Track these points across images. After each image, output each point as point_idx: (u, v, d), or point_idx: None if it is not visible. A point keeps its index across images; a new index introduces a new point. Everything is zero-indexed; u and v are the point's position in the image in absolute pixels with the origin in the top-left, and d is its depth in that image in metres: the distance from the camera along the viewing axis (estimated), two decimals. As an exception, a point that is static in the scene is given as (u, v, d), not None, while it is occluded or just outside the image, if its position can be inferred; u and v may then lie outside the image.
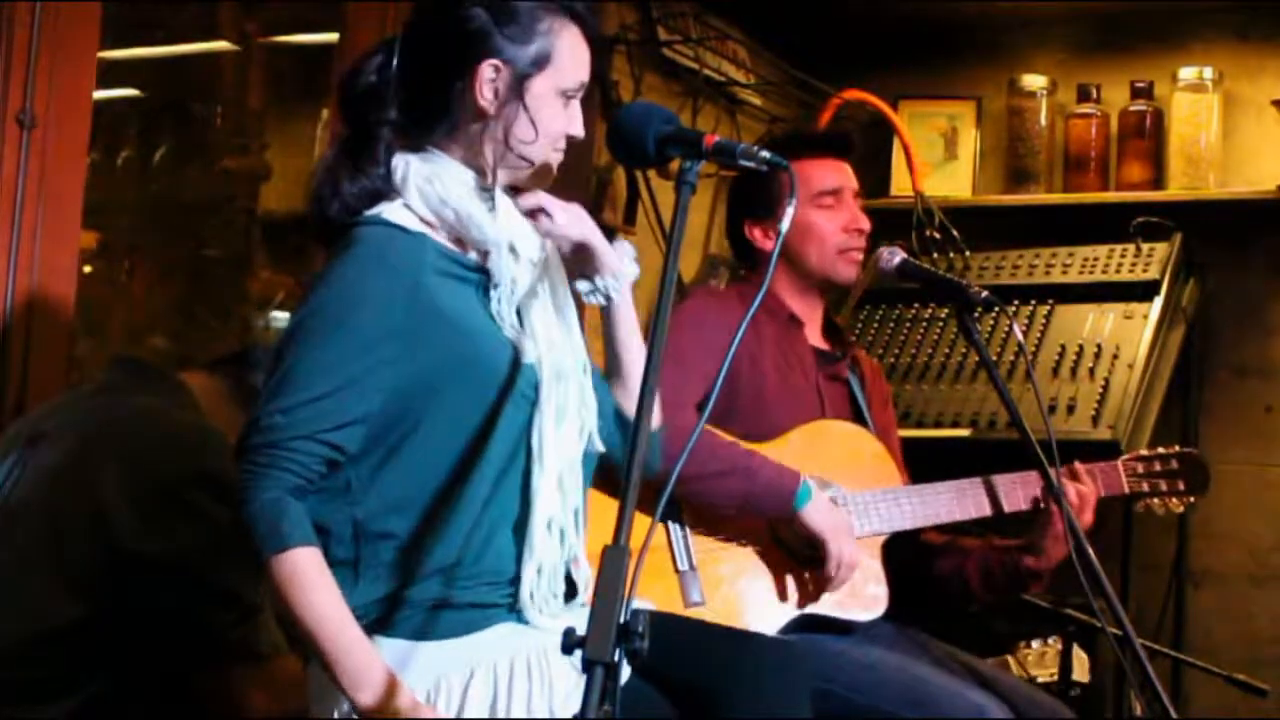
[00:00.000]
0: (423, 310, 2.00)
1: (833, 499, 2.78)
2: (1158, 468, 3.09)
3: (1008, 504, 2.95)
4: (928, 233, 4.34)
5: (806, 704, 2.30)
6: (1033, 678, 3.45)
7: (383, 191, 2.08)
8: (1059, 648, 3.50)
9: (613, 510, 1.70)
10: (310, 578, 1.91)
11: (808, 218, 2.96)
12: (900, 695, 2.63)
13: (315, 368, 1.96)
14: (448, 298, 2.03)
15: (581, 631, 1.61)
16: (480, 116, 2.09)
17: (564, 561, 2.08)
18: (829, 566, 2.71)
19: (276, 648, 2.30)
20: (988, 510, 2.95)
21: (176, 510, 2.26)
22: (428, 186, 2.07)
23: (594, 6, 2.17)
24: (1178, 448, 3.15)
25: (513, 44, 2.08)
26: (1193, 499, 3.11)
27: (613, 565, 1.63)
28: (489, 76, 2.08)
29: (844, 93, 4.46)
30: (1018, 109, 4.64)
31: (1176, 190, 4.40)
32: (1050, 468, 2.79)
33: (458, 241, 2.09)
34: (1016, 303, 4.15)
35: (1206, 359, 4.51)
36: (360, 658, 1.91)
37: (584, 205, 2.27)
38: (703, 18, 4.35)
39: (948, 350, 4.14)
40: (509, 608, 2.04)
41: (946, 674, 2.73)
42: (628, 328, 2.27)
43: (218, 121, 4.31)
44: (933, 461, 3.03)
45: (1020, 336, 4.01)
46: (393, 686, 1.91)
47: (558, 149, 2.14)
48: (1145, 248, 4.16)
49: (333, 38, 3.55)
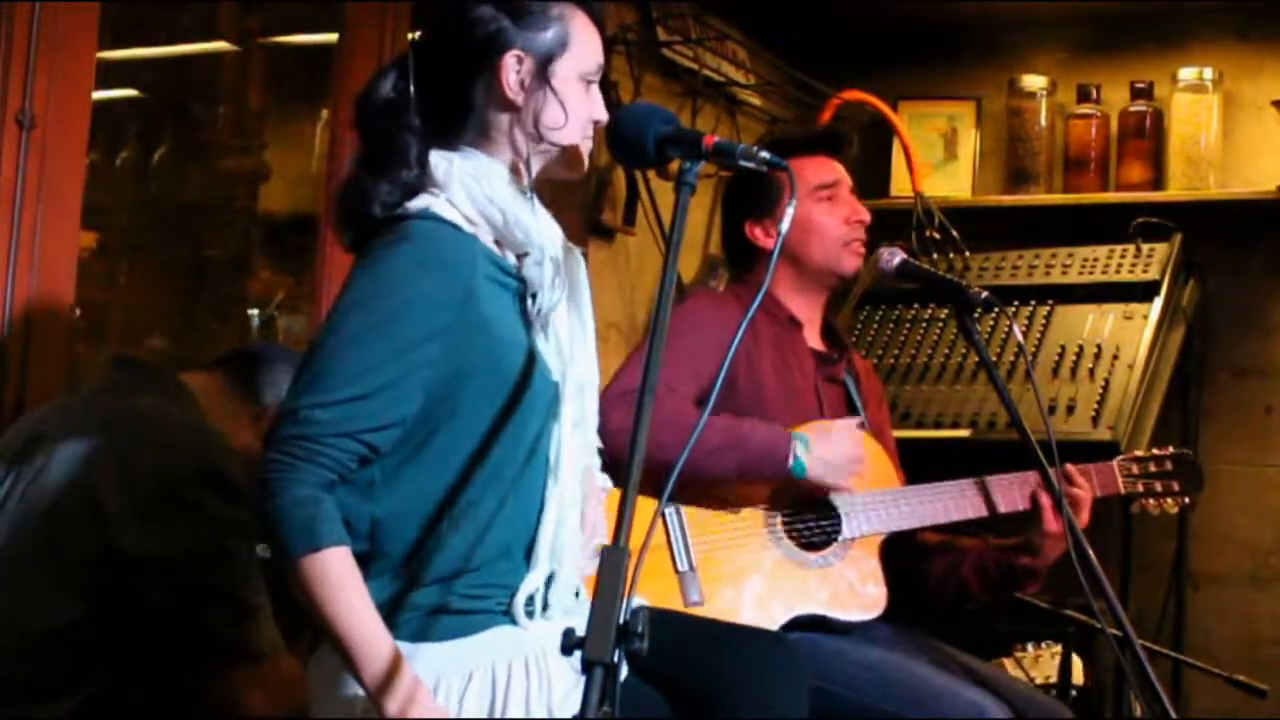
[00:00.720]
0: (469, 314, 1.99)
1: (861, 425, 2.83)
2: (1152, 468, 3.09)
3: (1004, 504, 2.95)
4: (927, 233, 4.34)
5: (805, 702, 2.30)
6: (1032, 679, 3.44)
7: (417, 185, 2.06)
8: (1055, 649, 3.50)
9: (613, 506, 1.70)
10: (341, 578, 1.90)
11: (808, 213, 2.96)
12: (899, 695, 2.63)
13: (360, 365, 1.94)
14: (491, 304, 2.02)
15: (580, 632, 1.61)
16: (509, 109, 2.09)
17: (573, 571, 2.08)
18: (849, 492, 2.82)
19: (275, 647, 2.30)
20: (984, 511, 2.95)
21: (176, 510, 2.26)
22: (474, 185, 2.06)
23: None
24: (1172, 449, 3.15)
25: (530, 33, 2.09)
26: (1187, 500, 3.12)
27: (612, 565, 1.63)
28: (513, 67, 2.08)
29: (844, 93, 4.46)
30: (1017, 109, 4.64)
31: (1176, 191, 4.40)
32: (1050, 468, 2.80)
33: (497, 243, 2.09)
34: (1016, 303, 4.16)
35: (1206, 359, 4.51)
36: (388, 663, 1.90)
37: (583, 206, 2.27)
38: (702, 18, 4.35)
39: (947, 351, 4.14)
40: (505, 612, 2.03)
41: (946, 674, 2.73)
42: None
43: (217, 122, 4.31)
44: (932, 462, 3.03)
45: (1020, 337, 4.01)
46: (419, 695, 1.90)
47: (587, 135, 2.14)
48: (1145, 248, 4.16)
49: (332, 38, 3.55)
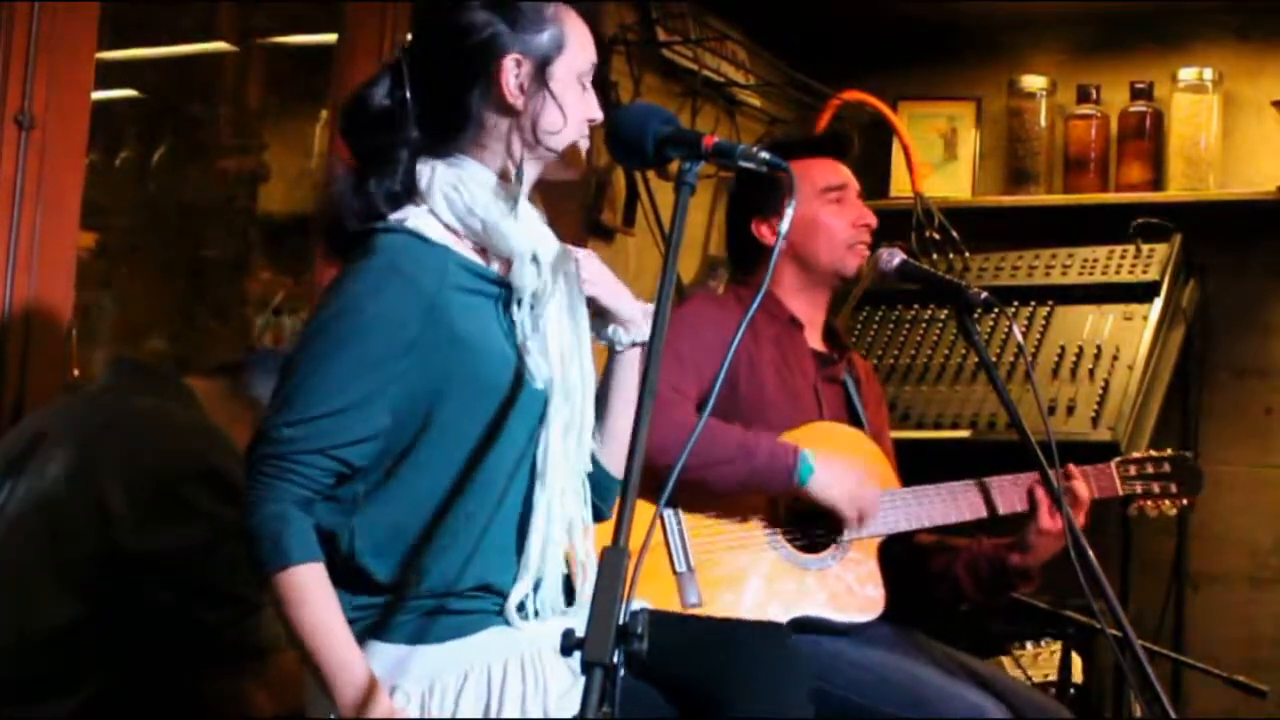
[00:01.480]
0: (437, 327, 1.98)
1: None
2: (1150, 470, 3.10)
3: (1003, 505, 2.95)
4: (927, 234, 4.34)
5: (807, 702, 2.30)
6: (1030, 678, 3.44)
7: (403, 195, 2.06)
8: (1054, 648, 3.50)
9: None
10: (310, 594, 1.90)
11: (815, 214, 2.97)
12: (899, 696, 2.63)
13: (329, 381, 1.94)
14: (463, 315, 2.01)
15: (580, 633, 1.61)
16: (508, 113, 2.08)
17: (562, 576, 2.08)
18: (848, 529, 2.79)
19: (275, 647, 2.30)
20: (983, 512, 2.95)
21: (177, 509, 2.26)
22: (454, 194, 2.05)
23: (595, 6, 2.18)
24: (1170, 450, 3.16)
25: (526, 35, 2.08)
26: (1185, 501, 3.12)
27: (612, 566, 1.62)
28: (512, 71, 2.07)
29: (843, 93, 4.46)
30: (1017, 110, 4.64)
31: (1176, 191, 4.40)
32: (1050, 469, 2.79)
33: (480, 251, 2.08)
34: (1016, 304, 4.15)
35: (1206, 360, 4.51)
36: (357, 681, 1.90)
37: (582, 206, 2.27)
38: (702, 18, 4.35)
39: (947, 351, 4.14)
40: (499, 613, 2.03)
41: (945, 675, 2.73)
42: (627, 373, 2.22)
43: (217, 122, 4.31)
44: (932, 463, 3.03)
45: (1020, 337, 4.01)
46: (388, 713, 1.90)
47: (584, 135, 2.14)
48: (1145, 249, 4.15)
49: (332, 38, 3.55)
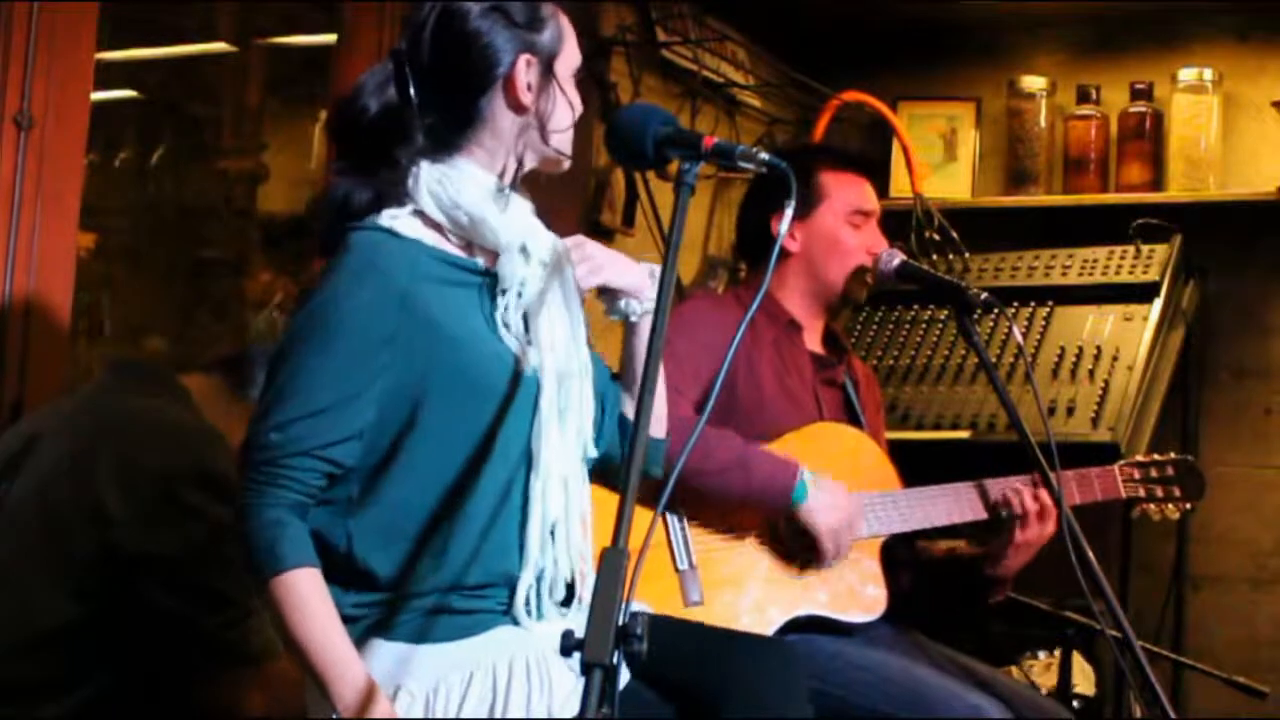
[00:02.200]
0: (413, 319, 1.98)
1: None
2: (1154, 474, 3.10)
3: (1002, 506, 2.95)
4: (927, 234, 4.34)
5: (806, 705, 2.30)
6: (1038, 688, 3.44)
7: (388, 195, 2.06)
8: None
9: (612, 509, 1.70)
10: (305, 600, 1.90)
11: (839, 231, 2.99)
12: (898, 697, 2.63)
13: (311, 382, 1.95)
14: (441, 306, 2.01)
15: (580, 634, 1.61)
16: (520, 112, 2.09)
17: (566, 567, 2.07)
18: (823, 562, 2.76)
19: (274, 649, 2.29)
20: (984, 513, 2.95)
21: (175, 510, 2.26)
22: (439, 189, 2.05)
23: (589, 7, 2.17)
24: (1173, 454, 3.16)
25: (534, 35, 2.09)
26: (1189, 505, 3.12)
27: (611, 567, 1.62)
28: (524, 71, 2.07)
29: (843, 94, 4.46)
30: (1017, 110, 4.64)
31: (1176, 192, 4.40)
32: (1050, 470, 2.79)
33: (468, 245, 2.08)
34: (1016, 304, 4.15)
35: (1206, 361, 4.50)
36: (354, 685, 1.90)
37: (582, 207, 2.26)
38: (702, 19, 4.34)
39: (947, 352, 4.13)
40: (505, 612, 2.03)
41: (945, 675, 2.73)
42: (645, 339, 2.26)
43: (216, 123, 4.31)
44: (932, 463, 3.03)
45: (1020, 338, 4.01)
46: (380, 710, 1.90)
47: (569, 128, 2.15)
48: (1145, 249, 4.15)
49: (331, 39, 3.55)
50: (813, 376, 2.98)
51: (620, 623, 1.59)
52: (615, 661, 1.58)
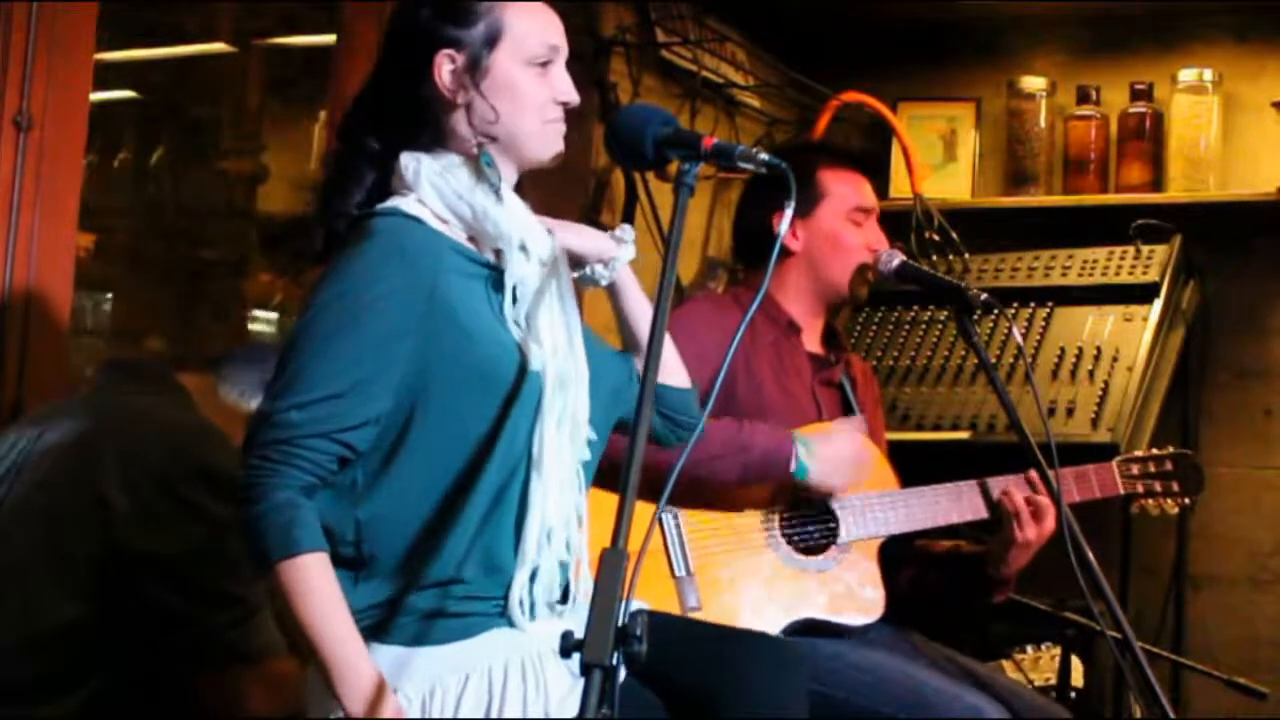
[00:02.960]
0: (437, 309, 1.99)
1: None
2: (1152, 469, 3.09)
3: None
4: (927, 235, 4.34)
5: (804, 704, 2.29)
6: (1030, 681, 3.44)
7: (387, 189, 2.07)
8: (1054, 651, 3.50)
9: (612, 509, 1.69)
10: (317, 585, 1.90)
11: (840, 229, 3.00)
12: (897, 698, 2.63)
13: (332, 364, 1.94)
14: (460, 299, 2.02)
15: (579, 634, 1.60)
16: (453, 107, 2.09)
17: (560, 569, 2.07)
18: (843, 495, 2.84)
19: (275, 648, 2.29)
20: (983, 513, 2.95)
21: (176, 509, 2.26)
22: (441, 181, 2.06)
23: None
24: (1171, 449, 3.15)
25: (459, 29, 2.08)
26: (1187, 500, 3.12)
27: (611, 568, 1.62)
28: (446, 66, 2.08)
29: (843, 95, 4.46)
30: (1017, 111, 4.64)
31: (1176, 192, 4.39)
32: (1050, 471, 2.79)
33: (470, 239, 2.08)
34: (1016, 305, 4.15)
35: (1206, 361, 4.50)
36: (360, 671, 1.90)
37: (582, 207, 2.26)
38: (701, 19, 4.34)
39: (947, 353, 4.13)
40: (501, 613, 2.03)
41: (944, 676, 2.73)
42: (633, 300, 2.29)
43: (216, 124, 4.31)
44: (932, 464, 3.03)
45: (1019, 339, 4.01)
46: (388, 704, 1.89)
47: (550, 119, 2.11)
48: (1145, 250, 4.15)
49: (330, 39, 3.55)
50: (811, 378, 2.98)
51: (620, 623, 1.59)
52: (615, 662, 1.58)
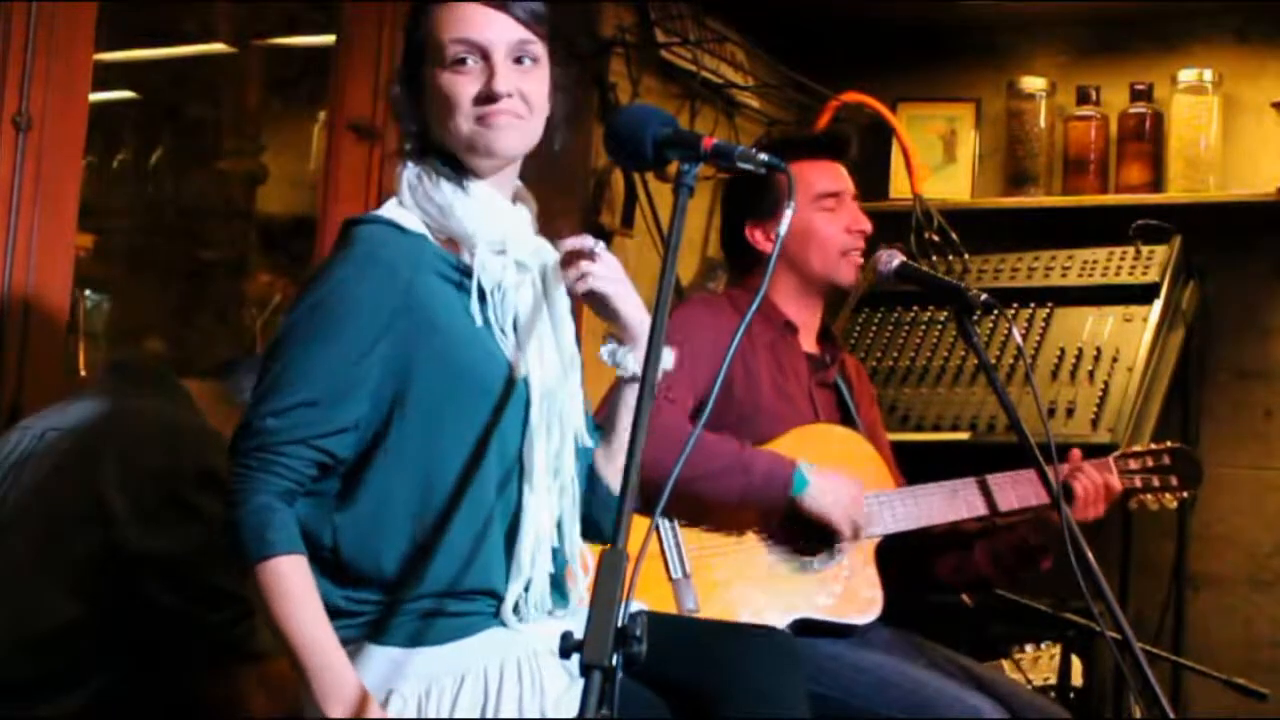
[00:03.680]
0: (415, 312, 1.99)
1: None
2: (1150, 463, 3.09)
3: (1002, 503, 2.95)
4: (927, 235, 4.34)
5: (804, 703, 2.29)
6: (1030, 681, 3.44)
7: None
8: (1053, 651, 3.50)
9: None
10: (290, 587, 1.91)
11: (809, 220, 2.95)
12: (896, 698, 2.63)
13: (308, 371, 1.95)
14: (441, 303, 2.02)
15: (578, 635, 1.60)
16: (409, 119, 2.13)
17: (551, 574, 2.07)
18: (842, 543, 2.77)
19: (275, 648, 2.29)
20: (982, 510, 2.94)
21: (175, 509, 2.26)
22: (415, 181, 2.08)
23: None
24: (1169, 443, 3.15)
25: (406, 49, 2.13)
26: (1185, 494, 3.11)
27: (610, 569, 1.62)
28: (395, 90, 2.13)
29: (842, 95, 4.46)
30: (1017, 111, 4.64)
31: (1176, 193, 4.39)
32: (1050, 471, 2.79)
33: (450, 243, 2.08)
34: (1016, 305, 4.15)
35: (1206, 362, 4.50)
36: (334, 672, 1.90)
37: (580, 208, 2.25)
38: (701, 20, 4.34)
39: (946, 353, 4.13)
40: (496, 614, 2.03)
41: (943, 677, 2.73)
42: (629, 401, 2.17)
43: (215, 124, 4.30)
44: (932, 465, 3.02)
45: (1019, 339, 4.01)
46: (364, 703, 1.90)
47: (480, 118, 2.06)
48: (1145, 250, 4.15)
49: (330, 40, 3.54)
50: (808, 379, 2.98)
51: (619, 624, 1.59)
52: (614, 663, 1.57)
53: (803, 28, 4.60)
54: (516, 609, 2.03)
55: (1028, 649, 3.55)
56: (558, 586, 2.10)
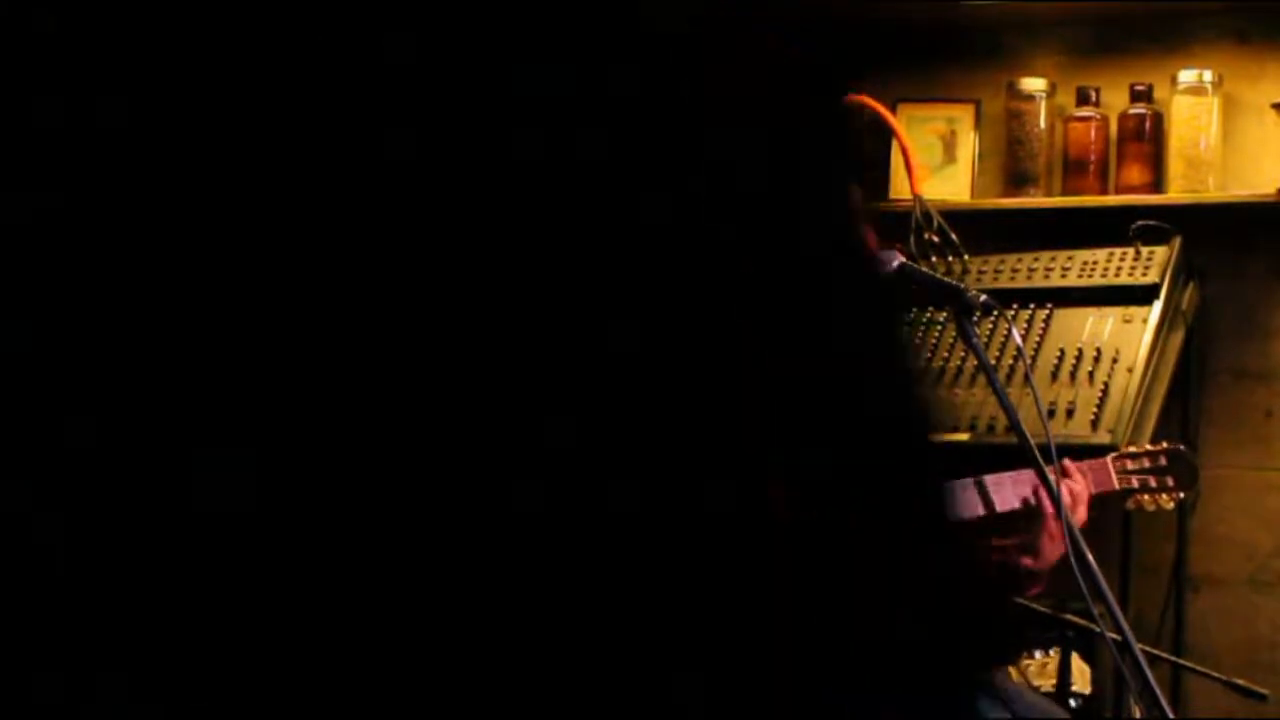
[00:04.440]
0: None
1: None
2: (1146, 464, 3.10)
3: (1000, 503, 2.94)
4: (926, 236, 4.33)
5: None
6: (1037, 688, 3.43)
7: None
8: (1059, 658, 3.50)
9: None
10: None
11: None
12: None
13: None
14: None
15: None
16: None
17: None
18: None
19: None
20: (980, 510, 2.94)
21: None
22: None
23: None
24: (1165, 444, 3.15)
25: None
26: (1182, 495, 3.12)
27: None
28: None
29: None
30: (1016, 112, 4.63)
31: (1176, 193, 4.38)
32: (1049, 472, 2.78)
33: None
34: (1015, 306, 4.14)
35: (1206, 363, 4.49)
36: None
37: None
38: (701, 20, 4.33)
39: (946, 354, 4.13)
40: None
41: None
42: None
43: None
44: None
45: (1019, 340, 4.00)
46: None
47: None
48: (1145, 251, 4.14)
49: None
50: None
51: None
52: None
53: (802, 28, 4.59)
54: None
55: (1037, 655, 3.55)
56: None
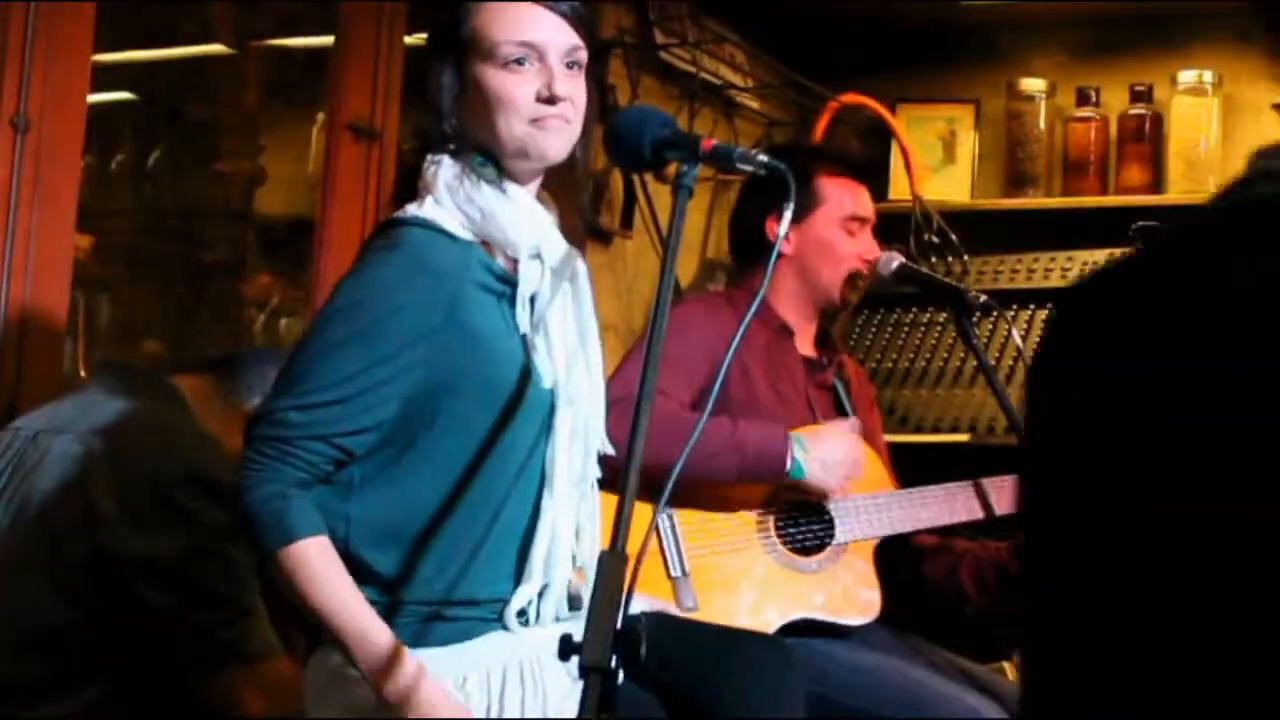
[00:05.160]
0: (456, 322, 1.97)
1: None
2: None
3: (998, 506, 2.95)
4: (926, 237, 4.33)
5: (801, 705, 2.29)
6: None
7: (417, 190, 2.05)
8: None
9: (611, 510, 1.69)
10: (320, 566, 1.90)
11: (833, 236, 2.99)
12: (895, 699, 2.63)
13: (340, 369, 1.93)
14: (479, 313, 2.00)
15: (578, 637, 1.60)
16: (449, 115, 2.08)
17: (567, 582, 2.07)
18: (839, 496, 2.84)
19: (271, 649, 2.29)
20: (979, 513, 2.94)
21: (168, 513, 2.25)
22: (456, 185, 2.03)
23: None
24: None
25: (446, 41, 2.07)
26: None
27: (610, 571, 1.61)
28: (440, 79, 2.07)
29: (842, 96, 4.45)
30: (1016, 112, 4.63)
31: (1176, 194, 4.39)
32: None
33: (485, 246, 2.05)
34: (1015, 307, 4.14)
35: (1205, 363, 4.49)
36: (382, 644, 1.89)
37: (579, 209, 2.24)
38: (700, 21, 4.34)
39: (946, 355, 4.13)
40: (498, 618, 2.02)
41: (942, 678, 2.73)
42: None
43: (213, 125, 4.30)
44: (931, 466, 3.02)
45: (1019, 341, 4.00)
46: (418, 674, 1.89)
47: (536, 120, 2.04)
48: (1144, 252, 4.14)
49: (328, 41, 3.54)
50: (804, 380, 2.98)
51: (619, 627, 1.58)
52: (614, 666, 1.57)
53: (802, 28, 4.59)
54: (524, 614, 2.02)
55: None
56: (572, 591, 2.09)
